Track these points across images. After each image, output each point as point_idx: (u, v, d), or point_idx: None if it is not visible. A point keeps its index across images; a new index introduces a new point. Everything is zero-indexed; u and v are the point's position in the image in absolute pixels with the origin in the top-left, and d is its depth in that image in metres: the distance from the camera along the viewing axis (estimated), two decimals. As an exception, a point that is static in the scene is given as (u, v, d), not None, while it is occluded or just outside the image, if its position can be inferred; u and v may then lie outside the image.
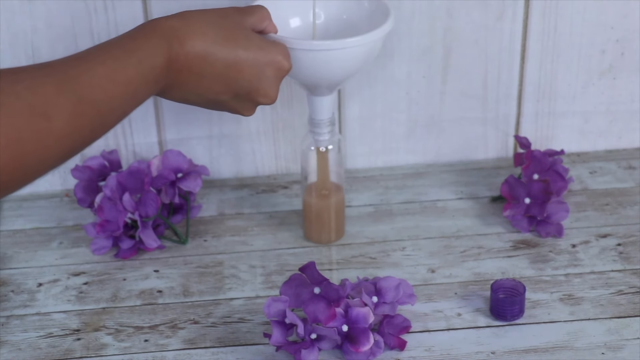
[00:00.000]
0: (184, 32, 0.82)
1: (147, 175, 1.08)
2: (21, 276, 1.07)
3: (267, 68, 0.87)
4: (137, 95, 0.77)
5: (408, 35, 1.16)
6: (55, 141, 0.68)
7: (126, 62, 0.76)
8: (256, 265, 1.07)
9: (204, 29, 0.83)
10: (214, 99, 0.87)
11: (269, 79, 0.88)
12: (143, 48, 0.78)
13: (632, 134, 1.25)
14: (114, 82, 0.74)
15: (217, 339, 0.97)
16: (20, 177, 0.67)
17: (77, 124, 0.70)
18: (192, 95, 0.85)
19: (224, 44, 0.84)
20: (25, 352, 0.97)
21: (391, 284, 0.96)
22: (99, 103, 0.72)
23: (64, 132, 0.69)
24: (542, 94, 1.21)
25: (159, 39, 0.80)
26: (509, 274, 1.05)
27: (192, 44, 0.82)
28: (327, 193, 1.08)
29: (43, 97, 0.68)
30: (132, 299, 1.03)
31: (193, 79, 0.83)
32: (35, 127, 0.67)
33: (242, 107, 0.90)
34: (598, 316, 0.98)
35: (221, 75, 0.84)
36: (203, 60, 0.83)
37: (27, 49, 1.13)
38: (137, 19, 1.12)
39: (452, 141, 1.24)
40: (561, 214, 1.10)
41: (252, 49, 0.86)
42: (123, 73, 0.75)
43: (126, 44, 0.78)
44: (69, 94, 0.70)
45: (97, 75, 0.73)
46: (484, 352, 0.94)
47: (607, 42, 1.19)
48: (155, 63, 0.79)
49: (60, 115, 0.69)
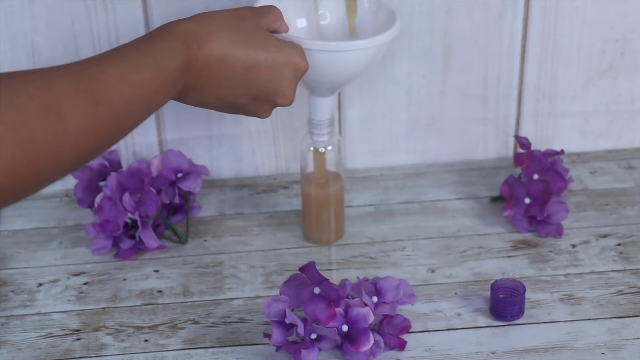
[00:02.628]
0: (202, 35, 0.80)
1: (147, 175, 1.08)
2: (21, 276, 1.07)
3: (286, 69, 0.86)
4: (154, 98, 0.75)
5: (408, 35, 1.16)
6: (70, 142, 0.66)
7: (142, 64, 0.74)
8: (256, 265, 1.07)
9: (222, 31, 0.81)
10: (232, 101, 0.85)
11: (287, 80, 0.86)
12: (160, 50, 0.76)
13: (632, 134, 1.25)
14: (129, 83, 0.72)
15: (217, 339, 0.97)
16: (35, 180, 0.65)
17: (92, 126, 0.68)
18: (210, 99, 0.84)
19: (243, 46, 0.82)
20: (25, 352, 0.97)
21: (391, 284, 0.96)
22: (114, 105, 0.70)
23: (79, 133, 0.67)
24: (542, 94, 1.21)
25: (176, 42, 0.78)
26: (509, 274, 1.05)
27: (211, 46, 0.80)
28: (324, 182, 1.07)
29: (57, 97, 0.66)
30: (132, 299, 1.03)
31: (212, 82, 0.82)
32: (49, 128, 0.64)
33: (260, 109, 0.88)
34: (598, 316, 0.98)
35: (240, 77, 0.83)
36: (222, 63, 0.81)
37: (27, 49, 1.13)
38: (137, 19, 1.12)
39: (452, 141, 1.24)
40: (561, 214, 1.10)
41: (271, 50, 0.85)
42: (139, 75, 0.73)
43: (142, 46, 0.76)
44: (83, 94, 0.68)
45: (112, 77, 0.71)
46: (484, 352, 0.94)
47: (607, 42, 1.19)
48: (172, 65, 0.77)
49: (74, 115, 0.66)
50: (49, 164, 0.65)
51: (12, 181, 0.63)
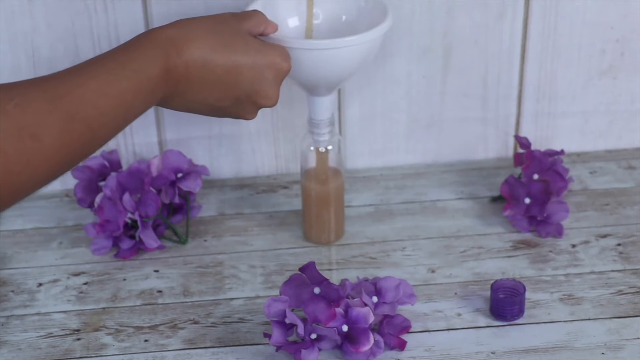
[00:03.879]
0: (181, 41, 0.81)
1: (147, 175, 1.08)
2: (21, 276, 1.07)
3: (267, 70, 0.87)
4: (132, 107, 0.76)
5: (408, 35, 1.16)
6: (44, 160, 0.69)
7: (120, 75, 0.75)
8: (256, 265, 1.07)
9: (201, 36, 0.83)
10: (215, 105, 0.87)
11: (269, 81, 0.88)
12: (138, 60, 0.78)
13: (632, 134, 1.25)
14: (106, 96, 0.73)
15: (217, 339, 0.97)
16: (9, 196, 0.67)
17: (66, 141, 0.70)
18: (193, 104, 0.85)
19: (222, 50, 0.84)
20: (25, 352, 0.97)
21: (391, 284, 0.96)
22: (90, 119, 0.72)
23: (53, 150, 0.69)
24: (542, 94, 1.21)
25: (155, 50, 0.79)
26: (509, 274, 1.05)
27: (190, 52, 0.81)
28: (325, 179, 1.07)
29: (32, 116, 0.68)
30: (132, 299, 1.03)
31: (194, 87, 0.83)
32: (23, 149, 0.67)
33: (244, 111, 0.90)
34: (598, 316, 0.98)
35: (221, 80, 0.84)
36: (202, 68, 0.82)
37: (27, 49, 1.13)
38: (137, 19, 1.12)
39: (452, 141, 1.24)
40: (561, 214, 1.10)
41: (251, 53, 0.86)
42: (116, 86, 0.74)
43: (120, 56, 0.77)
44: (59, 111, 0.69)
45: (89, 90, 0.72)
46: (484, 352, 0.94)
47: (607, 42, 1.19)
48: (151, 74, 0.78)
49: (49, 134, 0.69)
50: (24, 181, 0.68)
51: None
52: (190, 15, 1.12)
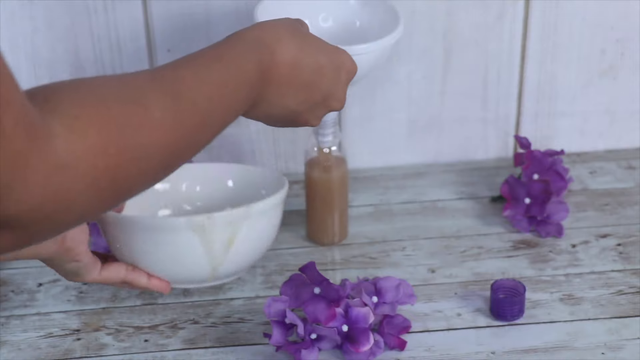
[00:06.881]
0: (272, 41, 0.79)
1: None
2: (21, 276, 1.07)
3: (342, 71, 0.86)
4: (234, 101, 0.74)
5: (408, 35, 1.16)
6: (155, 129, 0.65)
7: (218, 66, 0.73)
8: (256, 265, 1.07)
9: (288, 37, 0.80)
10: (295, 110, 0.83)
11: (342, 83, 0.86)
12: (234, 56, 0.75)
13: (632, 134, 1.25)
14: (209, 81, 0.71)
15: (217, 339, 0.97)
16: (127, 162, 0.62)
17: (176, 118, 0.67)
18: (276, 108, 0.81)
19: (308, 50, 0.82)
20: (25, 352, 0.97)
21: (391, 284, 0.96)
22: (197, 101, 0.69)
23: (163, 123, 0.65)
24: (542, 94, 1.21)
25: (249, 47, 0.77)
26: (509, 274, 1.05)
27: (281, 51, 0.79)
28: (329, 165, 1.07)
29: (136, 89, 0.65)
30: (132, 299, 1.03)
31: (281, 89, 0.80)
32: (133, 111, 0.63)
33: (314, 115, 0.86)
34: (598, 316, 0.98)
35: (307, 82, 0.82)
36: (293, 69, 0.80)
37: (27, 49, 1.13)
38: (137, 19, 1.12)
39: (452, 141, 1.24)
40: (561, 214, 1.10)
41: (328, 54, 0.84)
42: (217, 76, 0.72)
43: (214, 51, 0.75)
44: (164, 88, 0.67)
45: (188, 77, 0.70)
46: (484, 352, 0.94)
47: (607, 42, 1.19)
48: (249, 69, 0.76)
49: (156, 106, 0.65)
50: (136, 146, 0.63)
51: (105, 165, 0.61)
52: (190, 15, 1.12)
